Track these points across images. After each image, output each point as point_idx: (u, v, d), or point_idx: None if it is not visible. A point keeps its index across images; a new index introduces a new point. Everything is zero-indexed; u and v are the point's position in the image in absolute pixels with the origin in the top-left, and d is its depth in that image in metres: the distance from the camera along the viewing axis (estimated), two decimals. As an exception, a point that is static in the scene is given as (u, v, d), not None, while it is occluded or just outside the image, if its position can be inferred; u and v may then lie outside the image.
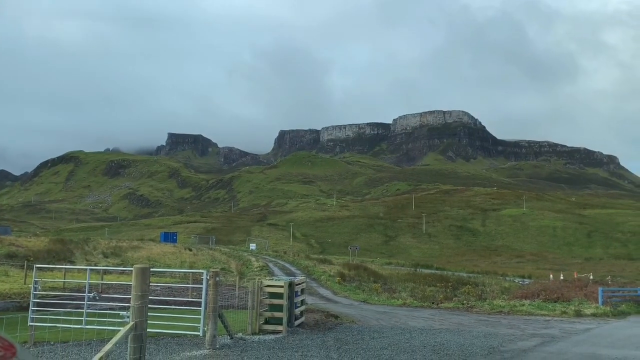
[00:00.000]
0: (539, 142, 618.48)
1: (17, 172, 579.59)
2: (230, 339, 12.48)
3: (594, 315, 21.41)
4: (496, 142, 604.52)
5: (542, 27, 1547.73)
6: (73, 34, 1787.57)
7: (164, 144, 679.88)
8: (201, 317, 11.20)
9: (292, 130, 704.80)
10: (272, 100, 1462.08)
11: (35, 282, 12.41)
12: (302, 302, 16.06)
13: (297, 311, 15.15)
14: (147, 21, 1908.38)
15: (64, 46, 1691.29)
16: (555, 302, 25.06)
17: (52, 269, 32.46)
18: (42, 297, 14.26)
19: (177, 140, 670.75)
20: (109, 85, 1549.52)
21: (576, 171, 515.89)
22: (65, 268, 30.54)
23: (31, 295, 12.41)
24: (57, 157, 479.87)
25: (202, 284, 11.53)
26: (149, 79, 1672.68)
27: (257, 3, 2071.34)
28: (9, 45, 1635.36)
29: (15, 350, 2.18)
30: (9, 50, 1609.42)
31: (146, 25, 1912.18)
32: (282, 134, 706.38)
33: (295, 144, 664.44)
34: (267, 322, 14.14)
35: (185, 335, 12.35)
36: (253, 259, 61.22)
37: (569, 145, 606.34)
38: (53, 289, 25.50)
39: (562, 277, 48.82)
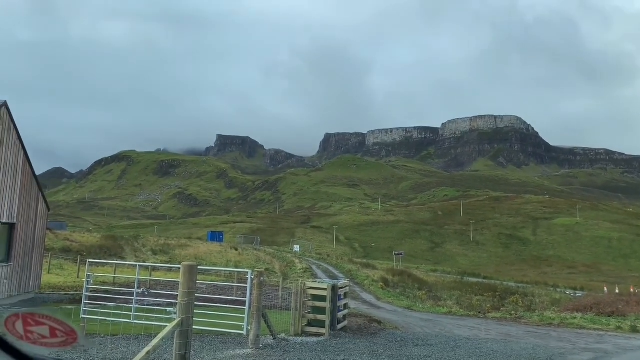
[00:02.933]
0: (595, 149, 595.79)
1: (72, 170, 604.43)
2: (273, 339, 12.55)
3: (651, 331, 20.37)
4: (549, 148, 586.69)
5: (597, 26, 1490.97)
6: (119, 35, 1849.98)
7: (213, 145, 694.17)
8: (245, 316, 11.30)
9: (338, 134, 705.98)
10: (314, 101, 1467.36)
11: (88, 277, 12.85)
12: (345, 306, 15.98)
13: (340, 315, 15.09)
14: (189, 22, 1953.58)
15: (110, 47, 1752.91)
16: (609, 316, 24.00)
17: (103, 264, 33.60)
18: (94, 290, 14.76)
19: (225, 142, 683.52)
20: (155, 86, 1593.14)
21: (634, 180, 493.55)
22: (115, 263, 31.53)
23: (84, 288, 12.85)
24: (111, 156, 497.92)
25: (246, 283, 11.64)
26: (194, 80, 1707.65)
27: (297, 2, 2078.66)
28: (58, 46, 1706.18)
29: (77, 336, 2.27)
30: (57, 51, 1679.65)
31: (188, 25, 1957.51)
32: (328, 137, 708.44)
33: (341, 147, 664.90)
34: (309, 324, 14.14)
35: (229, 333, 12.50)
36: (296, 260, 61.56)
37: (627, 153, 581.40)
38: (104, 283, 26.38)
39: (617, 291, 46.80)
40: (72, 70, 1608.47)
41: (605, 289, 52.45)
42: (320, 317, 14.02)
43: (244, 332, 11.39)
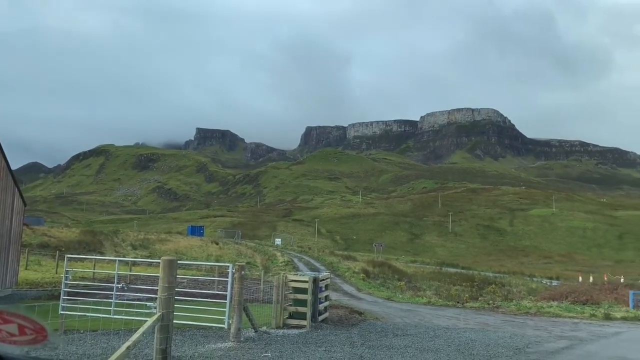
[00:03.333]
0: (570, 141, 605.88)
1: (49, 165, 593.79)
2: (255, 332, 12.60)
3: (624, 319, 20.92)
4: (525, 140, 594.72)
5: (573, 19, 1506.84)
6: (95, 27, 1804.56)
7: (192, 138, 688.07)
8: (226, 310, 11.32)
9: (319, 127, 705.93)
10: (295, 95, 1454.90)
11: (66, 272, 12.72)
12: (326, 298, 16.09)
13: (321, 307, 15.20)
14: (167, 14, 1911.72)
15: (87, 39, 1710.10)
16: (584, 304, 24.59)
17: (82, 260, 33.23)
18: (73, 286, 14.62)
19: (205, 135, 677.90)
20: (133, 79, 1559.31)
21: (608, 171, 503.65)
22: (95, 259, 31.27)
23: (62, 284, 12.73)
24: (89, 150, 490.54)
25: (227, 277, 11.66)
26: (172, 73, 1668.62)
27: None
28: (32, 38, 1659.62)
29: (47, 334, 2.26)
30: (32, 43, 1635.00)
31: (166, 18, 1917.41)
32: (309, 130, 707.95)
33: (322, 141, 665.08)
34: (291, 316, 14.22)
35: (210, 327, 12.51)
36: (278, 254, 61.58)
37: (601, 144, 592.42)
38: (83, 278, 26.08)
39: (591, 280, 47.85)
40: (47, 62, 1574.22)
41: (580, 278, 53.54)
42: (301, 309, 14.11)
43: (225, 326, 11.42)
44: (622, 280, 45.54)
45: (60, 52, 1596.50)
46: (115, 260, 14.00)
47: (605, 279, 46.96)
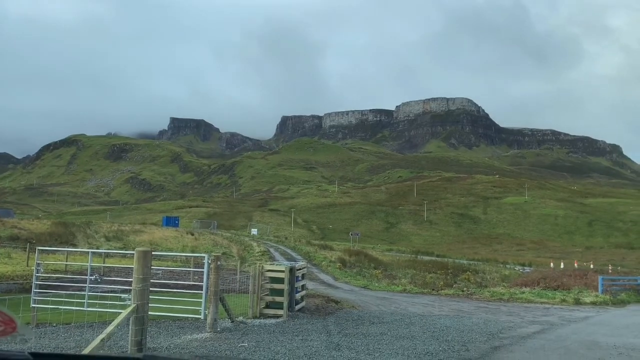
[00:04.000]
0: (542, 130, 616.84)
1: (19, 155, 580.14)
2: (231, 322, 12.56)
3: (593, 303, 21.48)
4: (499, 129, 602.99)
5: (544, 9, 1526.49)
6: (63, 14, 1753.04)
7: (166, 128, 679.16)
8: (202, 300, 11.25)
9: (295, 116, 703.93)
10: (270, 84, 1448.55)
11: (38, 265, 12.47)
12: (303, 287, 16.12)
13: (298, 296, 15.22)
14: (140, 2, 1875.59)
15: (55, 27, 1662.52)
16: (555, 290, 25.14)
17: (54, 252, 32.63)
18: (45, 279, 14.35)
19: (179, 125, 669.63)
20: (103, 68, 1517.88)
21: (579, 160, 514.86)
22: (67, 251, 30.73)
23: (33, 277, 12.48)
24: (60, 141, 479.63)
25: (203, 267, 11.57)
26: (145, 62, 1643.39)
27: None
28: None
29: (16, 325, 2.20)
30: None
31: (139, 6, 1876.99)
32: (285, 120, 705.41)
33: (298, 130, 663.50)
34: (267, 306, 14.21)
35: (186, 318, 12.42)
36: (254, 244, 61.45)
37: (572, 133, 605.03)
38: (55, 271, 25.61)
39: (562, 266, 48.98)
40: (13, 50, 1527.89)
41: (552, 264, 54.82)
42: (278, 299, 14.11)
43: (202, 317, 11.35)
44: (591, 265, 46.75)
45: (27, 40, 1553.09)
46: (88, 252, 13.78)
47: (576, 265, 48.15)
